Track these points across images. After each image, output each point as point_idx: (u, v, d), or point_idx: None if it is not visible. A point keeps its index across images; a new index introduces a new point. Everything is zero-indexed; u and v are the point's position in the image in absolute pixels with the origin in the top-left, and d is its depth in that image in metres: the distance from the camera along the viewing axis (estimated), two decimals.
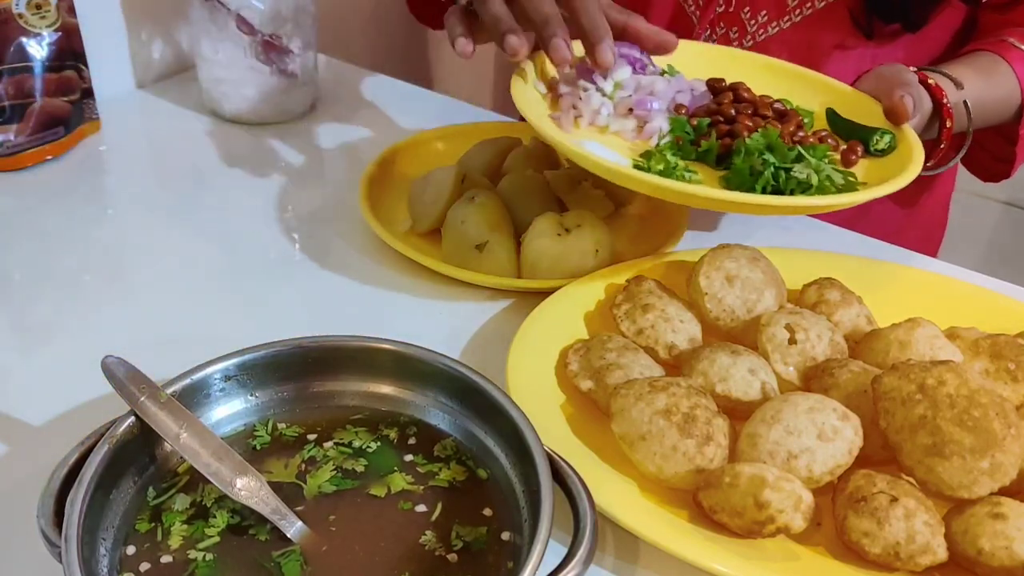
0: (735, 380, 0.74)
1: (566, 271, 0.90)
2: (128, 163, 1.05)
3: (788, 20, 1.06)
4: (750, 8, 1.07)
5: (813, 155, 0.84)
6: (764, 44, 1.09)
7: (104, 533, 0.60)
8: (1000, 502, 0.64)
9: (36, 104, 1.07)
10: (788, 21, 1.06)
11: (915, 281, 0.92)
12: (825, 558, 0.66)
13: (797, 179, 0.82)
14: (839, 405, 0.69)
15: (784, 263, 0.88)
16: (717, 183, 0.87)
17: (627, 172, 0.81)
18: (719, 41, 1.10)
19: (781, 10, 1.06)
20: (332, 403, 0.71)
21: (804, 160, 0.83)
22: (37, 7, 1.05)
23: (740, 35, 1.09)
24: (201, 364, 0.67)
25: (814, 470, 0.67)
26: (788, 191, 0.82)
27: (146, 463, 0.64)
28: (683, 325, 0.81)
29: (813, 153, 0.84)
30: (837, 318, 0.82)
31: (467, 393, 0.68)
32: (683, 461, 0.67)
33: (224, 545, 0.60)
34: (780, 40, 1.08)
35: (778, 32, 1.07)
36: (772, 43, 1.08)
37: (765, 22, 1.07)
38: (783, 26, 1.07)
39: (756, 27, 1.08)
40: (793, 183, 0.82)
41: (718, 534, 0.66)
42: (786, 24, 1.06)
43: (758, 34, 1.08)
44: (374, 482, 0.65)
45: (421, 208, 0.98)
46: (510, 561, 0.60)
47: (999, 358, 0.78)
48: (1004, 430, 0.66)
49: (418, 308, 0.91)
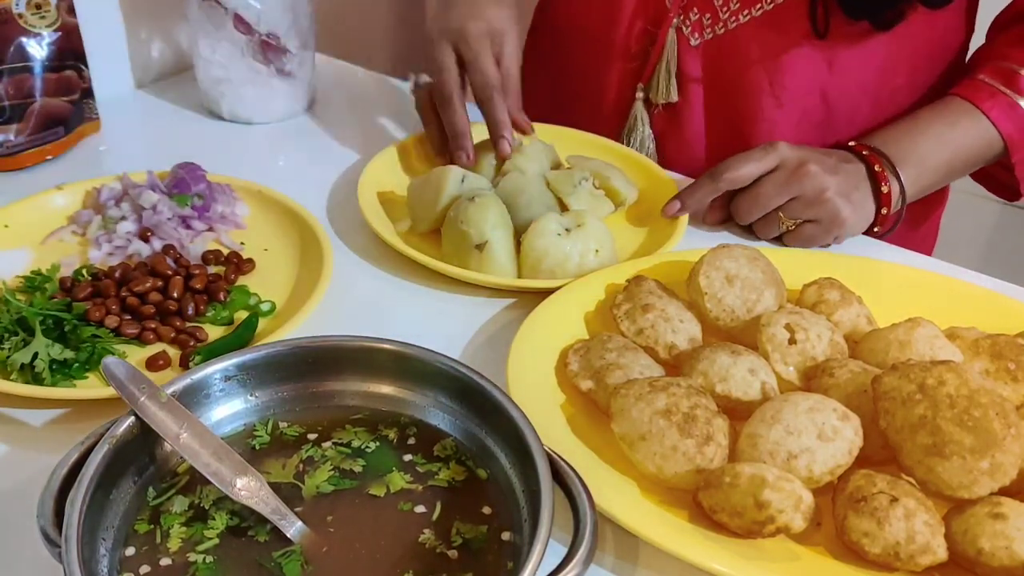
0: (735, 380, 0.74)
1: (566, 271, 0.90)
2: (128, 163, 1.05)
3: (760, 8, 1.05)
4: None
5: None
6: (735, 32, 1.08)
7: (104, 533, 0.59)
8: (1000, 502, 0.64)
9: (36, 104, 1.07)
10: (760, 9, 1.05)
11: (915, 281, 0.92)
12: (825, 558, 0.66)
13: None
14: (839, 405, 0.69)
15: (784, 263, 0.88)
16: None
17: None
18: (692, 27, 1.10)
19: None
20: (332, 403, 0.71)
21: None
22: (37, 7, 1.05)
23: (712, 21, 1.08)
24: (201, 364, 0.67)
25: (814, 470, 0.67)
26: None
27: (146, 463, 0.64)
28: (683, 325, 0.81)
29: None
30: (837, 318, 0.82)
31: (467, 393, 0.68)
32: (683, 461, 0.67)
33: (223, 547, 0.60)
34: (750, 28, 1.07)
35: (749, 20, 1.07)
36: (742, 31, 1.08)
37: (736, 10, 1.06)
38: (755, 14, 1.06)
39: (728, 14, 1.07)
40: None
41: (718, 534, 0.66)
42: (758, 12, 1.05)
43: (729, 21, 1.07)
44: (373, 482, 0.65)
45: (421, 208, 0.98)
46: (510, 561, 0.60)
47: (999, 358, 0.78)
48: (1004, 430, 0.66)
49: (418, 308, 0.91)
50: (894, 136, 1.02)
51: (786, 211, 0.97)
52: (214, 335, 0.84)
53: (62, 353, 0.77)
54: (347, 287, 0.92)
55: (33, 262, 0.92)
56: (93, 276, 0.88)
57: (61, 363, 0.77)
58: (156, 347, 0.82)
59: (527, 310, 0.84)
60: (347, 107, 1.28)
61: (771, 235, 0.99)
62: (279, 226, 0.98)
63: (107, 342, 0.80)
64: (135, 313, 0.84)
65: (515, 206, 0.96)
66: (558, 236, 0.90)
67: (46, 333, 0.78)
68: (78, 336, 0.79)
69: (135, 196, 0.97)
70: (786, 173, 0.96)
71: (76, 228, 0.97)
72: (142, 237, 0.94)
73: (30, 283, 0.86)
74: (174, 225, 0.95)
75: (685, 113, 1.15)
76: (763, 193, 0.96)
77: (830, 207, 0.95)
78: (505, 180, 0.99)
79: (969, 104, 1.02)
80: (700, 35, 1.10)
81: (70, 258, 0.92)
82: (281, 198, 1.00)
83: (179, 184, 0.98)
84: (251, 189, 1.02)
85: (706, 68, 1.12)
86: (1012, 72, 1.02)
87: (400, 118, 1.25)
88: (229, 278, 0.90)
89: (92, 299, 0.84)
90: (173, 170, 1.01)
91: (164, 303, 0.85)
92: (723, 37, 1.09)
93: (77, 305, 0.82)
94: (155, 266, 0.89)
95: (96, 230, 0.95)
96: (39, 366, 0.76)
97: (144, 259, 0.91)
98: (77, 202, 0.99)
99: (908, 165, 1.00)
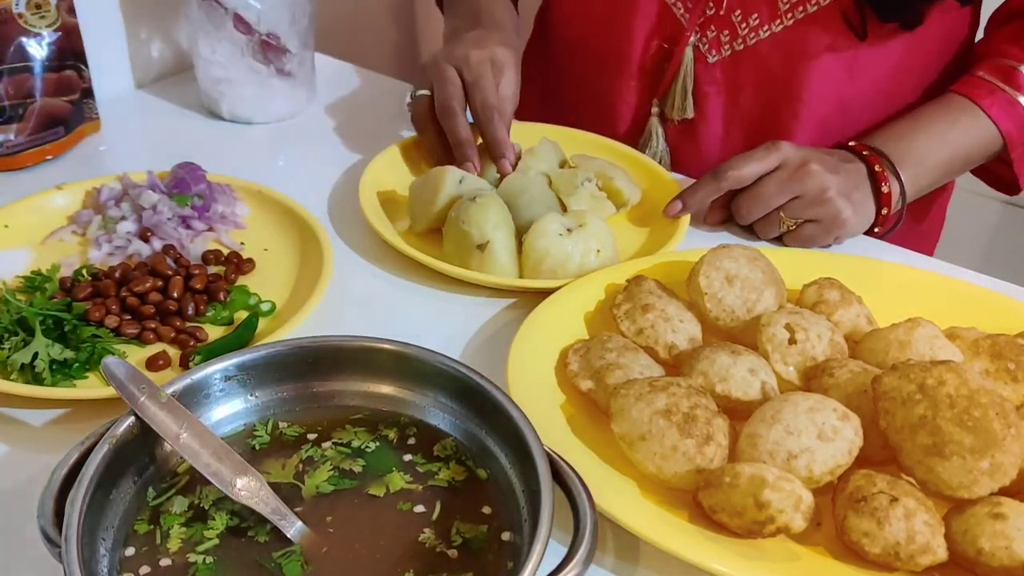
0: (735, 380, 0.74)
1: (568, 271, 0.90)
2: (128, 163, 1.05)
3: (780, 23, 1.05)
4: (741, 11, 1.07)
5: None
6: (754, 47, 1.08)
7: (104, 533, 0.59)
8: (1000, 502, 0.64)
9: (36, 104, 1.07)
10: (780, 24, 1.05)
11: (915, 281, 0.92)
12: (825, 558, 0.66)
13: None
14: (839, 405, 0.69)
15: (784, 263, 0.88)
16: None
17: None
18: (709, 45, 1.10)
19: (773, 13, 1.05)
20: (332, 403, 0.71)
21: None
22: (37, 7, 1.05)
23: (731, 38, 1.08)
24: (201, 364, 0.67)
25: (814, 470, 0.67)
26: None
27: (146, 463, 0.64)
28: (683, 325, 0.81)
29: None
30: (837, 318, 0.82)
31: (467, 393, 0.68)
32: (683, 461, 0.67)
33: (223, 547, 0.60)
34: (771, 43, 1.07)
35: (769, 35, 1.07)
36: (762, 46, 1.07)
37: (756, 25, 1.06)
38: (775, 29, 1.06)
39: (747, 30, 1.07)
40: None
41: (718, 534, 0.66)
42: (778, 28, 1.06)
43: (749, 37, 1.07)
44: (373, 482, 0.65)
45: (421, 208, 0.98)
46: (510, 561, 0.60)
47: (999, 358, 0.78)
48: (1004, 430, 0.66)
49: (418, 308, 0.91)
50: (894, 135, 1.02)
51: (787, 211, 0.96)
52: (214, 335, 0.84)
53: (62, 353, 0.77)
54: (347, 287, 0.92)
55: (33, 262, 0.91)
56: (93, 276, 0.88)
57: (61, 363, 0.77)
58: (156, 347, 0.82)
59: (527, 310, 0.84)
60: (347, 107, 1.28)
61: (772, 235, 0.99)
62: (279, 226, 0.98)
63: (107, 342, 0.80)
64: (135, 313, 0.84)
65: (516, 206, 0.96)
66: (559, 236, 0.90)
67: (46, 333, 0.78)
68: (78, 336, 0.79)
69: (135, 196, 0.97)
70: (788, 172, 0.95)
71: (76, 228, 0.97)
72: (142, 237, 0.94)
73: (30, 283, 0.86)
74: (174, 225, 0.95)
75: (701, 127, 1.15)
76: (765, 192, 0.96)
77: (831, 207, 0.95)
78: (507, 180, 0.99)
79: (968, 101, 1.02)
80: (718, 52, 1.10)
81: (70, 258, 0.92)
82: (281, 198, 1.00)
83: (179, 184, 0.98)
84: (251, 189, 1.02)
85: (723, 83, 1.11)
86: (1011, 69, 1.02)
87: (401, 118, 1.24)
88: (229, 278, 0.90)
89: (92, 299, 0.84)
90: (173, 170, 1.01)
91: (164, 303, 0.85)
92: (742, 53, 1.09)
93: (77, 305, 0.82)
94: (155, 266, 0.89)
95: (96, 230, 0.95)
96: (39, 366, 0.76)
97: (144, 259, 0.91)
98: (77, 202, 0.99)
99: (908, 165, 1.00)
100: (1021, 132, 1.02)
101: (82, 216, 0.97)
